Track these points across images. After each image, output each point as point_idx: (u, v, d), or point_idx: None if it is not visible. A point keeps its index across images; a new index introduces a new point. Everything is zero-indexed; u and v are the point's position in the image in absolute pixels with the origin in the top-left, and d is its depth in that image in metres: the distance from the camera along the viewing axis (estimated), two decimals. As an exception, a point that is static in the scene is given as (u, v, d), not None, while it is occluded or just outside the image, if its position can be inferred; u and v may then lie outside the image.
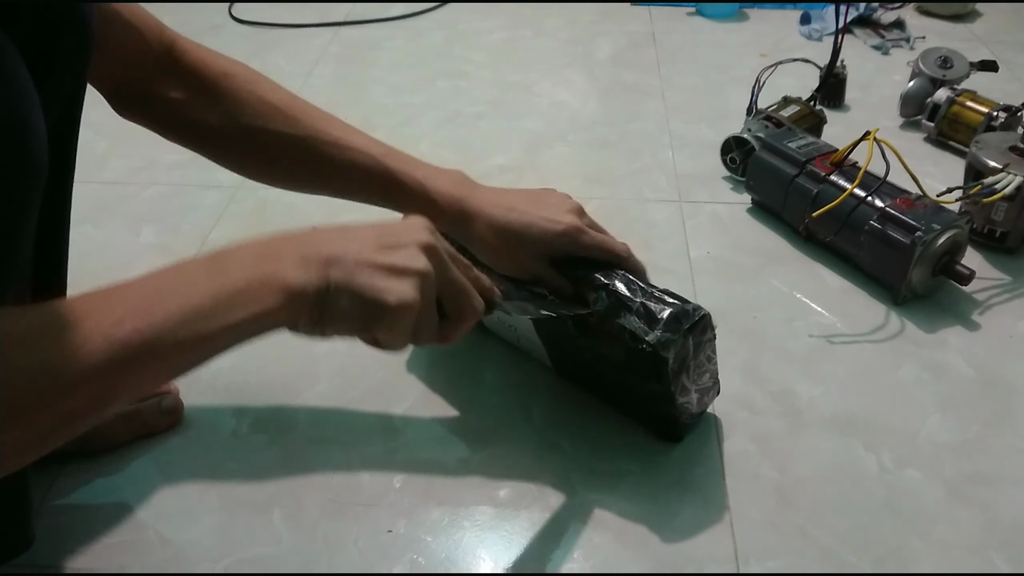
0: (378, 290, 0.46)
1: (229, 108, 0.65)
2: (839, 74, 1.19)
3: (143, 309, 0.41)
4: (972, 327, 0.82)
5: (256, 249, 0.46)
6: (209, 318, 0.42)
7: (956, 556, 0.61)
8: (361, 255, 0.46)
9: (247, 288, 0.43)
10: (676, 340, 0.61)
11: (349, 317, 0.46)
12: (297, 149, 0.65)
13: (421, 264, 0.48)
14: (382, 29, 1.51)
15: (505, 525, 0.64)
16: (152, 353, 0.41)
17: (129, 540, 0.63)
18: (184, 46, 0.66)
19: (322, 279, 0.45)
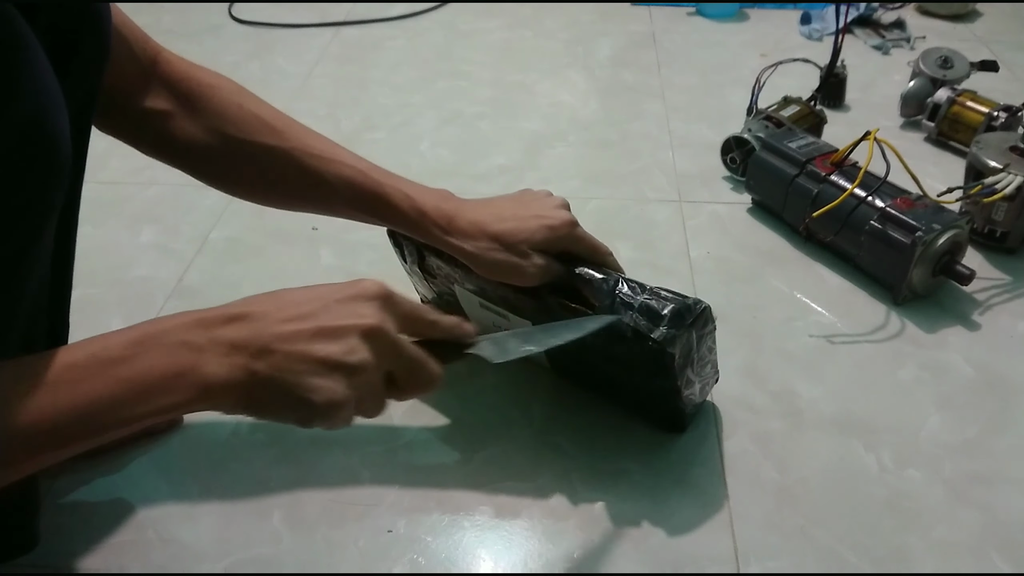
0: (305, 388, 0.44)
1: (213, 120, 0.63)
2: (839, 74, 1.19)
3: (51, 397, 0.40)
4: (972, 327, 0.82)
5: (181, 333, 0.44)
6: (113, 410, 0.41)
7: (956, 556, 0.61)
8: (295, 345, 0.44)
9: (161, 380, 0.42)
10: (681, 335, 0.61)
11: (278, 412, 0.45)
12: (283, 162, 0.64)
13: (358, 358, 0.45)
14: (382, 29, 1.52)
15: (505, 525, 0.64)
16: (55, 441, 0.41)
17: (129, 540, 0.63)
18: (168, 58, 0.65)
19: (247, 374, 0.43)
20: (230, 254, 0.94)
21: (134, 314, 0.84)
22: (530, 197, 0.69)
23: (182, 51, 0.68)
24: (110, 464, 0.68)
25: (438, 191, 0.68)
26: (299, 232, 0.96)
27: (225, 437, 0.71)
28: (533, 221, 0.65)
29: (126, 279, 0.90)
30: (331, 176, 0.64)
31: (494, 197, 0.69)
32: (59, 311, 0.58)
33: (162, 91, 0.63)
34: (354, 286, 0.48)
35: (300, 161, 0.64)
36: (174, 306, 0.86)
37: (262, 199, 0.69)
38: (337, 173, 0.64)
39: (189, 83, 0.64)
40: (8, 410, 0.39)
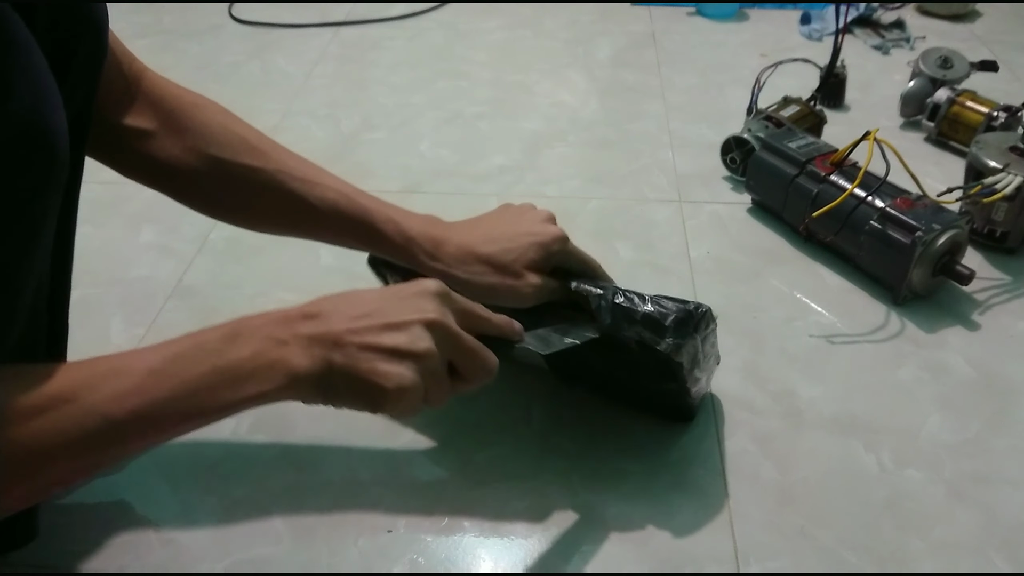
0: (377, 375, 0.47)
1: (197, 140, 0.62)
2: (839, 74, 1.19)
3: (147, 385, 0.44)
4: (972, 327, 0.82)
5: (268, 328, 0.48)
6: (212, 394, 0.45)
7: (956, 556, 0.61)
8: (365, 338, 0.48)
9: (254, 369, 0.46)
10: (687, 344, 0.61)
11: (353, 398, 0.49)
12: (266, 185, 0.63)
13: (423, 346, 0.49)
14: (382, 29, 1.51)
15: (505, 525, 0.64)
16: (149, 427, 0.45)
17: (129, 540, 0.63)
18: (152, 77, 0.63)
19: (325, 364, 0.47)
20: (230, 254, 0.94)
21: (134, 314, 0.84)
22: (516, 213, 0.68)
23: (182, 51, 0.68)
24: (110, 464, 0.68)
25: (424, 216, 0.66)
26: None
27: (225, 437, 0.71)
28: (524, 239, 0.64)
29: (126, 279, 0.90)
30: (315, 200, 0.63)
31: (480, 216, 0.68)
32: (58, 312, 0.58)
33: (145, 109, 0.62)
34: (414, 285, 0.52)
35: (284, 184, 0.63)
36: (174, 306, 0.86)
37: (245, 222, 0.67)
38: (322, 197, 0.63)
39: (173, 102, 0.63)
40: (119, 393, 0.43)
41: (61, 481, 0.45)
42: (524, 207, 0.69)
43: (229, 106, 0.66)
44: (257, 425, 0.72)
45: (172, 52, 1.41)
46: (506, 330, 0.57)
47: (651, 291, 0.87)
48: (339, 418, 0.73)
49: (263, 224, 0.67)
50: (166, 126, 0.62)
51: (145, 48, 1.41)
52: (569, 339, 0.61)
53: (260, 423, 0.72)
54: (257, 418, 0.73)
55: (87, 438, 0.42)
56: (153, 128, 0.62)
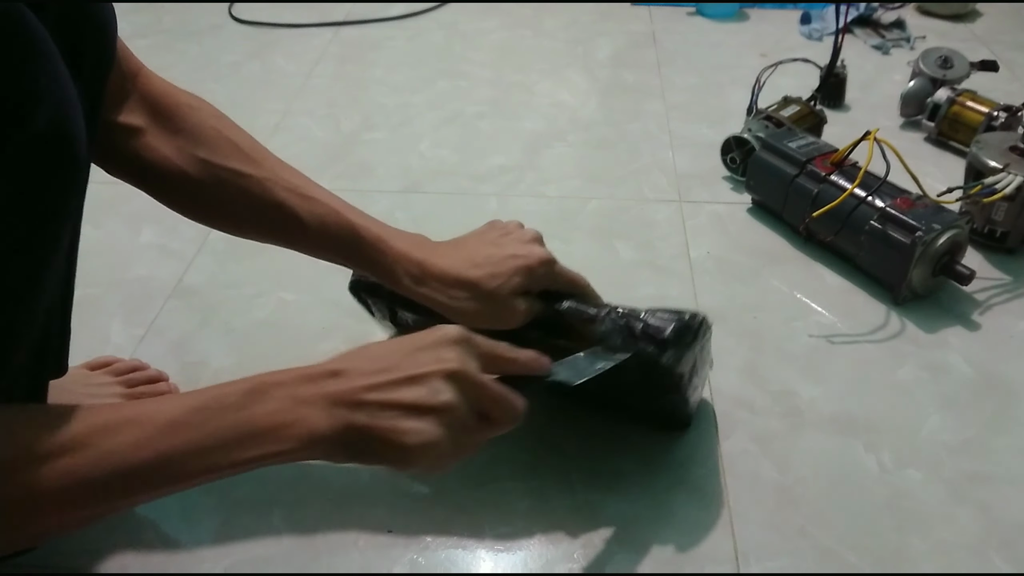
0: (398, 432, 0.46)
1: (187, 140, 0.61)
2: (839, 74, 1.19)
3: (164, 437, 0.44)
4: (972, 327, 0.82)
5: (291, 387, 0.47)
6: (226, 451, 0.45)
7: (956, 556, 0.61)
8: (385, 395, 0.47)
9: (273, 427, 0.45)
10: (687, 355, 0.61)
11: (377, 457, 0.47)
12: (255, 193, 0.61)
13: (443, 398, 0.47)
14: (382, 29, 1.52)
15: (505, 526, 0.64)
16: (161, 479, 0.44)
17: (129, 540, 0.63)
18: (148, 75, 0.62)
19: (346, 424, 0.46)
20: (230, 254, 0.93)
21: (134, 314, 0.84)
22: (501, 233, 0.66)
23: (182, 51, 0.68)
24: (110, 464, 0.68)
25: (412, 236, 0.65)
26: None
27: (225, 437, 0.71)
28: (509, 263, 0.62)
29: (126, 279, 0.90)
30: (304, 213, 0.62)
31: (465, 237, 0.66)
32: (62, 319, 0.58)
33: (138, 107, 0.61)
34: (434, 333, 0.50)
35: (273, 193, 0.62)
36: (174, 306, 0.86)
37: (230, 228, 0.66)
38: (310, 210, 0.62)
39: (166, 100, 0.62)
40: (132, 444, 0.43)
41: (69, 525, 0.45)
42: (510, 225, 0.67)
43: (229, 106, 0.66)
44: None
45: (172, 52, 1.41)
46: (534, 367, 0.55)
47: (651, 291, 0.87)
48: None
49: (249, 232, 0.66)
50: (158, 125, 0.61)
51: (145, 48, 1.41)
52: (600, 364, 0.59)
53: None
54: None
55: (100, 485, 0.42)
56: (144, 126, 0.61)
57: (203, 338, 0.82)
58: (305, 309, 0.84)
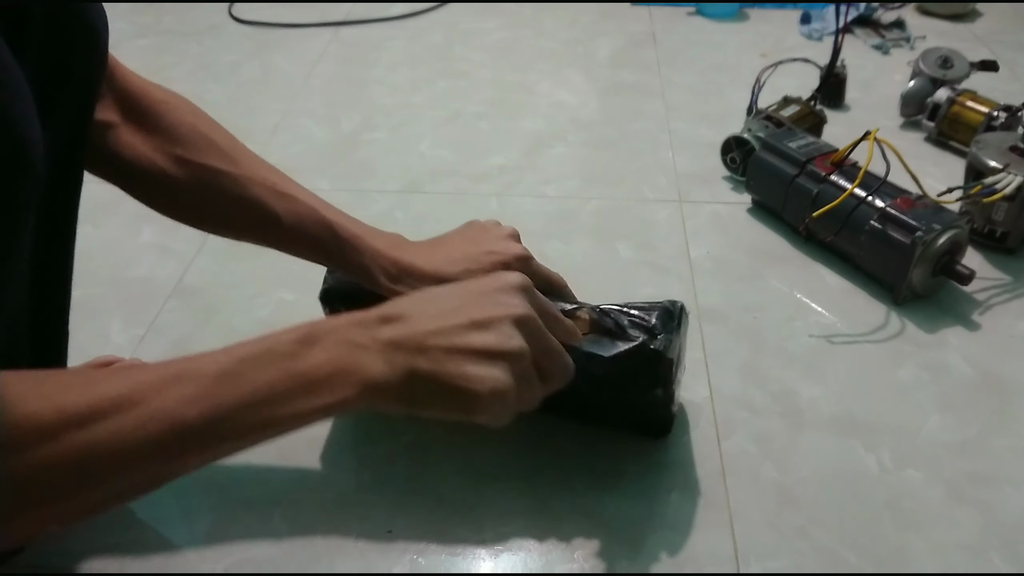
0: (469, 379, 0.44)
1: (164, 138, 0.60)
2: (839, 74, 1.19)
3: (215, 390, 0.41)
4: (972, 327, 0.82)
5: (344, 332, 0.45)
6: (281, 403, 0.43)
7: (956, 556, 0.61)
8: (452, 339, 0.45)
9: (326, 377, 0.43)
10: (674, 339, 0.61)
11: (442, 406, 0.45)
12: (232, 191, 0.61)
13: (515, 344, 0.46)
14: (382, 29, 1.52)
15: (504, 526, 0.64)
16: (216, 435, 0.42)
17: (129, 540, 0.63)
18: (123, 71, 0.61)
19: (408, 370, 0.44)
20: (230, 254, 0.93)
21: (134, 314, 0.84)
22: (479, 231, 0.66)
23: (182, 51, 0.68)
24: (110, 464, 0.68)
25: (390, 236, 0.65)
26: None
27: (225, 437, 0.71)
28: (485, 259, 0.62)
29: (126, 279, 0.90)
30: (281, 209, 0.61)
31: (443, 236, 0.66)
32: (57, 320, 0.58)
33: (112, 103, 0.60)
34: (497, 279, 0.49)
35: (250, 191, 0.61)
36: (174, 306, 0.86)
37: (207, 226, 0.65)
38: (288, 207, 0.61)
39: (143, 97, 0.61)
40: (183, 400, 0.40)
41: (119, 495, 0.42)
42: (488, 224, 0.67)
43: (229, 106, 0.66)
44: (257, 425, 0.72)
45: (172, 52, 1.41)
46: (574, 335, 0.54)
47: (651, 291, 0.87)
48: (339, 419, 0.73)
49: (226, 229, 0.65)
50: (133, 122, 0.60)
51: (145, 48, 1.42)
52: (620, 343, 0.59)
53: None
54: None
55: (151, 446, 0.40)
56: (118, 122, 0.60)
57: (203, 338, 0.82)
58: (305, 309, 0.84)
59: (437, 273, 0.62)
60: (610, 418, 0.69)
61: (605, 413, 0.69)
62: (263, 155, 0.66)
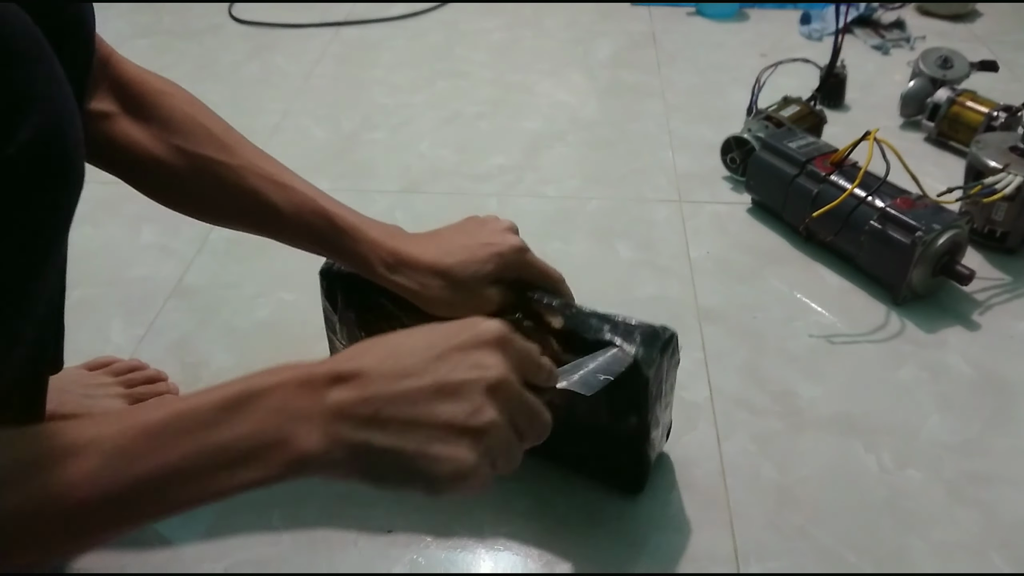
0: (428, 458, 0.39)
1: (161, 127, 0.60)
2: (839, 74, 1.19)
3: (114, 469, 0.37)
4: (972, 327, 0.82)
5: (282, 396, 0.39)
6: (198, 479, 0.38)
7: (956, 556, 0.61)
8: (414, 410, 0.40)
9: (251, 450, 0.38)
10: (654, 359, 0.58)
11: (398, 483, 0.41)
12: (229, 180, 0.60)
13: (486, 418, 0.41)
14: (382, 29, 1.52)
15: (504, 526, 0.64)
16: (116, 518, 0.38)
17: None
18: (119, 60, 0.61)
19: (355, 445, 0.39)
20: (230, 254, 0.94)
21: (134, 314, 0.84)
22: (476, 224, 0.66)
23: (182, 51, 0.67)
24: (110, 464, 0.68)
25: (387, 227, 0.64)
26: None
27: (225, 437, 0.71)
28: (481, 251, 0.62)
29: (126, 279, 0.90)
30: (279, 199, 0.61)
31: (441, 229, 0.66)
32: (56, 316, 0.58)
33: (109, 93, 0.60)
34: (471, 329, 0.44)
35: (247, 181, 0.60)
36: (174, 306, 0.86)
37: (205, 216, 0.65)
38: (286, 197, 0.61)
39: (140, 86, 0.61)
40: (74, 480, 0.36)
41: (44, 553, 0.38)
42: (487, 218, 0.67)
43: (229, 106, 0.66)
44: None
45: (172, 52, 1.41)
46: (553, 377, 0.50)
47: (651, 291, 0.87)
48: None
49: (224, 219, 0.65)
50: (129, 110, 0.60)
51: (145, 48, 1.42)
52: (604, 376, 0.55)
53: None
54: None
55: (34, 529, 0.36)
56: (116, 112, 0.60)
57: (203, 338, 0.82)
58: (305, 309, 0.84)
59: (434, 264, 0.61)
60: (575, 451, 0.65)
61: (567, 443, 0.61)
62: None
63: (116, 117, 0.60)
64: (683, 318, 0.83)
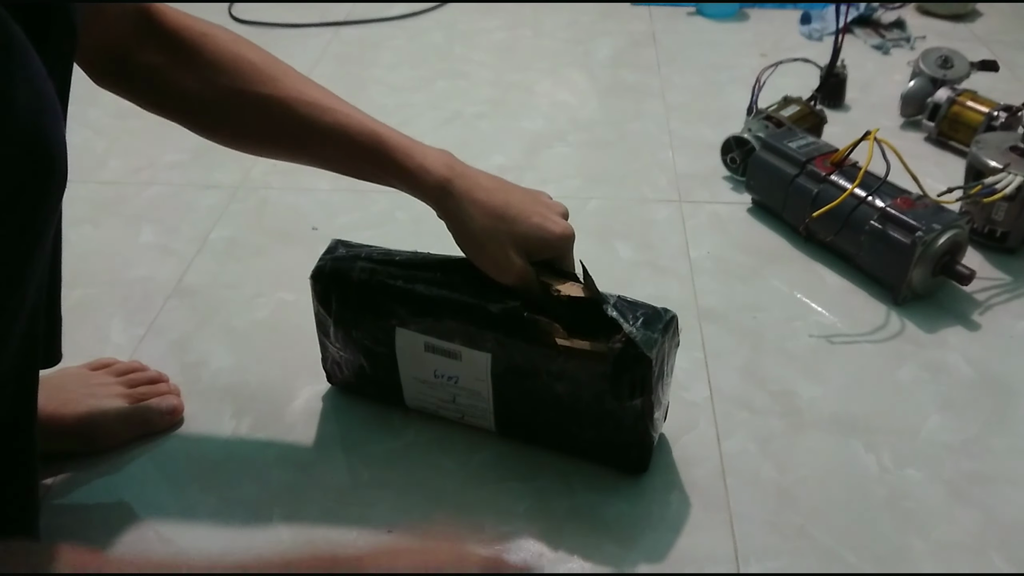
0: None
1: (206, 70, 0.62)
2: (839, 74, 1.19)
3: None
4: (972, 327, 0.82)
5: None
6: None
7: (956, 556, 0.61)
8: None
9: None
10: (657, 339, 0.59)
11: None
12: (278, 112, 0.62)
13: None
14: (382, 29, 1.52)
15: (505, 526, 0.64)
16: None
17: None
18: (160, 8, 0.63)
19: None
20: (230, 254, 0.94)
21: (134, 314, 0.84)
22: (538, 194, 0.67)
23: (182, 51, 0.67)
24: (110, 464, 0.68)
25: (440, 151, 0.65)
26: (299, 232, 0.96)
27: (225, 437, 0.71)
28: (534, 220, 0.63)
29: (126, 279, 0.90)
30: (326, 125, 0.62)
31: (500, 179, 0.67)
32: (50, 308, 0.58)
33: (157, 43, 0.62)
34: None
35: (295, 110, 0.62)
36: (174, 306, 0.86)
37: (257, 150, 0.67)
38: (334, 120, 0.63)
39: (183, 33, 0.63)
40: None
41: None
42: (543, 193, 0.68)
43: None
44: (257, 425, 0.72)
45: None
46: None
47: (651, 291, 0.87)
48: (339, 418, 0.73)
49: (273, 149, 0.67)
50: (177, 58, 0.62)
51: (145, 48, 1.42)
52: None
53: (260, 423, 0.72)
54: (257, 418, 0.73)
55: None
56: (164, 61, 0.62)
57: (203, 338, 0.82)
58: (305, 309, 0.84)
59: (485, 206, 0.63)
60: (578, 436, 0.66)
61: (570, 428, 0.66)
62: (263, 155, 0.66)
63: (165, 68, 0.62)
64: (683, 318, 0.82)
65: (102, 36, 0.59)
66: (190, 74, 0.62)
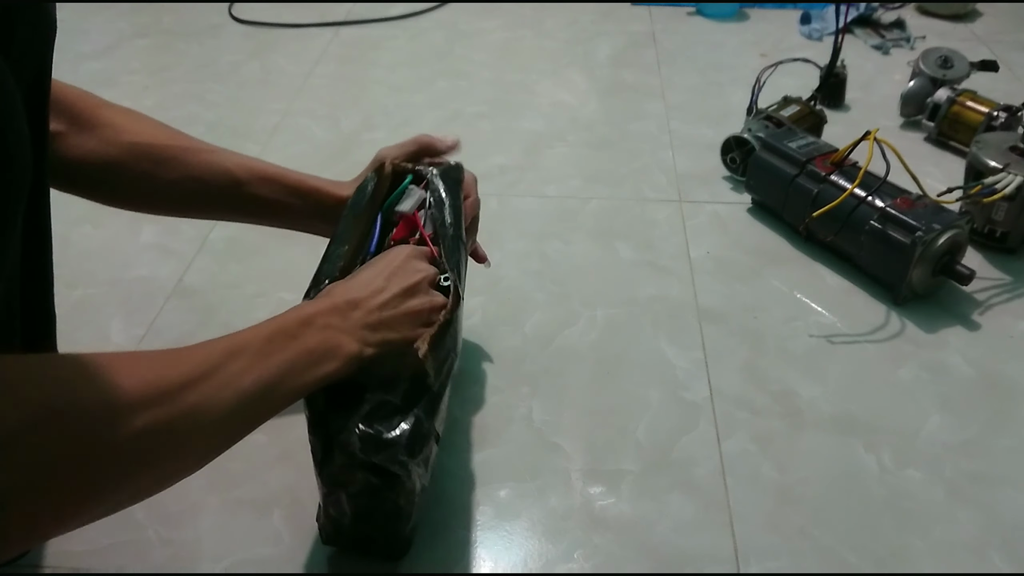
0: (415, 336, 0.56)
1: (110, 132, 0.64)
2: (839, 74, 1.19)
3: (258, 363, 0.48)
4: (972, 327, 0.82)
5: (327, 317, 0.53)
6: (300, 373, 0.50)
7: (956, 556, 0.61)
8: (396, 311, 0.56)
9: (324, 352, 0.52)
10: None
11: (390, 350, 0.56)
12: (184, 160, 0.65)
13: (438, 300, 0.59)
14: (382, 29, 1.52)
15: (505, 525, 0.64)
16: (263, 404, 0.48)
17: (129, 540, 0.63)
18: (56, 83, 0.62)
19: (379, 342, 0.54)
20: (230, 254, 0.94)
21: (134, 314, 0.84)
22: None
23: (182, 51, 0.68)
24: (110, 464, 0.68)
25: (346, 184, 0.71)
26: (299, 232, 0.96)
27: (225, 437, 0.71)
28: None
29: (126, 279, 0.90)
30: (233, 166, 0.66)
31: None
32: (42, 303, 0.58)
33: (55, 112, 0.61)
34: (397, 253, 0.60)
35: (203, 157, 0.66)
36: (174, 306, 0.86)
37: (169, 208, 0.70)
38: (241, 163, 0.67)
39: (79, 103, 0.64)
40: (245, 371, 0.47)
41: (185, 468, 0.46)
42: None
43: (229, 106, 0.67)
44: (257, 425, 0.72)
45: (172, 52, 1.41)
46: None
47: (651, 291, 0.87)
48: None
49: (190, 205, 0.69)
50: (76, 126, 0.63)
51: (145, 48, 1.42)
52: None
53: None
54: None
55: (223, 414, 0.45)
56: (62, 130, 0.62)
57: (203, 338, 0.81)
58: (305, 309, 0.84)
59: None
60: None
61: None
62: (263, 155, 0.66)
63: (65, 135, 0.62)
64: (683, 318, 0.83)
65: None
66: (91, 138, 0.63)
